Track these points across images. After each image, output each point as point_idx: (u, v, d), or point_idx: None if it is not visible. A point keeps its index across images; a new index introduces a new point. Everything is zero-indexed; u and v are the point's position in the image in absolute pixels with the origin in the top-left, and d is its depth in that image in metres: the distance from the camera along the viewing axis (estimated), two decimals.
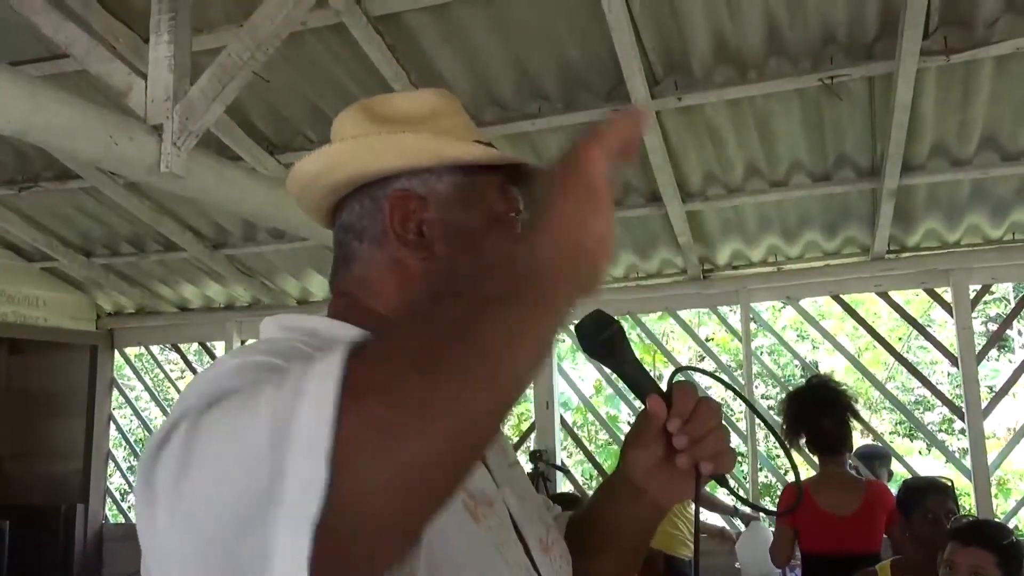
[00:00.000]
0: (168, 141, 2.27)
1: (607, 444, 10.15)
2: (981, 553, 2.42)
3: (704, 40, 3.31)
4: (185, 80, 2.37)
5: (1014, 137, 3.67)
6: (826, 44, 3.28)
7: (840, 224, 4.37)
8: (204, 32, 3.15)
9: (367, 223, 0.91)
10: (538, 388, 5.12)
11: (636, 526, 1.02)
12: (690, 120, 3.71)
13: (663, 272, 4.90)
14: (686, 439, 0.88)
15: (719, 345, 10.57)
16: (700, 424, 0.88)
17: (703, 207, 4.26)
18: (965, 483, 4.46)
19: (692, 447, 0.88)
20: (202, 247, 5.01)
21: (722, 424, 0.90)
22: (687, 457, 0.88)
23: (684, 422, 0.88)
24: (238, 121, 3.83)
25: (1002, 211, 4.15)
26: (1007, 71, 3.28)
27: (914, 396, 11.10)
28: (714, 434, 0.89)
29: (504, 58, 3.46)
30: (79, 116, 2.15)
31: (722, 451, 0.89)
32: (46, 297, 5.73)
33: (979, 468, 4.24)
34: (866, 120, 3.66)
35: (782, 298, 5.07)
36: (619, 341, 0.93)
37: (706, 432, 0.88)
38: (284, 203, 3.08)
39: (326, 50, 3.45)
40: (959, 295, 4.43)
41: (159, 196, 4.59)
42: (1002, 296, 11.16)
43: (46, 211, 4.95)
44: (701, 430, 0.88)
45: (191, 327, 6.01)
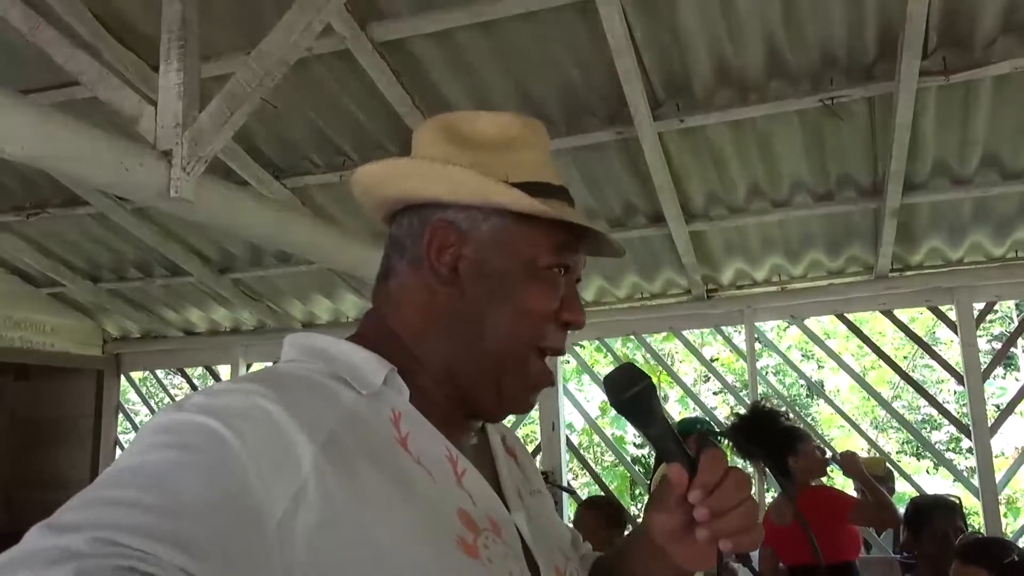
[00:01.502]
0: (178, 167, 2.30)
1: (613, 465, 10.12)
2: (982, 573, 2.42)
3: (705, 63, 3.35)
4: (194, 106, 2.40)
5: (1014, 156, 3.70)
6: (826, 66, 3.32)
7: (843, 243, 4.39)
8: (212, 59, 3.19)
9: (409, 243, 0.90)
10: (544, 409, 5.13)
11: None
12: (692, 142, 3.75)
13: (667, 292, 4.92)
14: (707, 512, 0.82)
15: (724, 365, 10.57)
16: (723, 498, 0.82)
17: (706, 227, 4.28)
18: (974, 502, 4.45)
19: (713, 520, 0.82)
20: (208, 271, 5.04)
21: (749, 499, 0.84)
22: (707, 531, 0.82)
23: (707, 493, 0.82)
24: (244, 147, 3.88)
25: (1004, 229, 4.17)
26: (1005, 90, 3.32)
27: (920, 415, 11.07)
28: (737, 510, 0.82)
29: (507, 82, 3.50)
30: (90, 143, 2.18)
31: (743, 528, 0.83)
32: (53, 323, 5.75)
33: (987, 487, 4.22)
34: (867, 140, 3.69)
35: (786, 317, 5.08)
36: (647, 398, 0.89)
37: (729, 507, 0.82)
38: (291, 227, 3.11)
39: (332, 76, 3.49)
40: (963, 313, 4.44)
41: (165, 221, 4.63)
42: (1006, 314, 11.15)
43: (53, 237, 4.99)
44: (725, 504, 0.82)
45: (197, 351, 6.02)
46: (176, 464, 0.67)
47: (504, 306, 0.87)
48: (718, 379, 6.25)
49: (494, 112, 0.96)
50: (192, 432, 0.69)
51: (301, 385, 0.79)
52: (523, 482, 1.00)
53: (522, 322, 0.88)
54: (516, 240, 0.88)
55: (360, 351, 0.85)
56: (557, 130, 3.70)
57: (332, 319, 5.43)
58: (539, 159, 0.94)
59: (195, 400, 0.73)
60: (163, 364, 6.48)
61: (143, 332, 6.02)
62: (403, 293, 0.90)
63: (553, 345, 0.91)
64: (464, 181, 0.87)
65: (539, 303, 0.89)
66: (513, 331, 0.87)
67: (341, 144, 3.92)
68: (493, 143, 0.92)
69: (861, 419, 9.67)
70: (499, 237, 0.88)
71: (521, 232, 0.88)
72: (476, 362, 0.88)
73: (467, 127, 0.93)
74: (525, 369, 0.89)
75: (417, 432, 0.83)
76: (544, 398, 5.12)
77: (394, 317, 0.90)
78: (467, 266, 0.88)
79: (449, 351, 0.88)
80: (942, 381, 10.91)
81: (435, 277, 0.88)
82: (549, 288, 0.89)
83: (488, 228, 0.88)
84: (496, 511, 0.87)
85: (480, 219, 0.88)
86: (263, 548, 0.67)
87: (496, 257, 0.88)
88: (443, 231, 0.88)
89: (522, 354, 0.89)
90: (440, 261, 0.87)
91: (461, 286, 0.87)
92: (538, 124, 0.97)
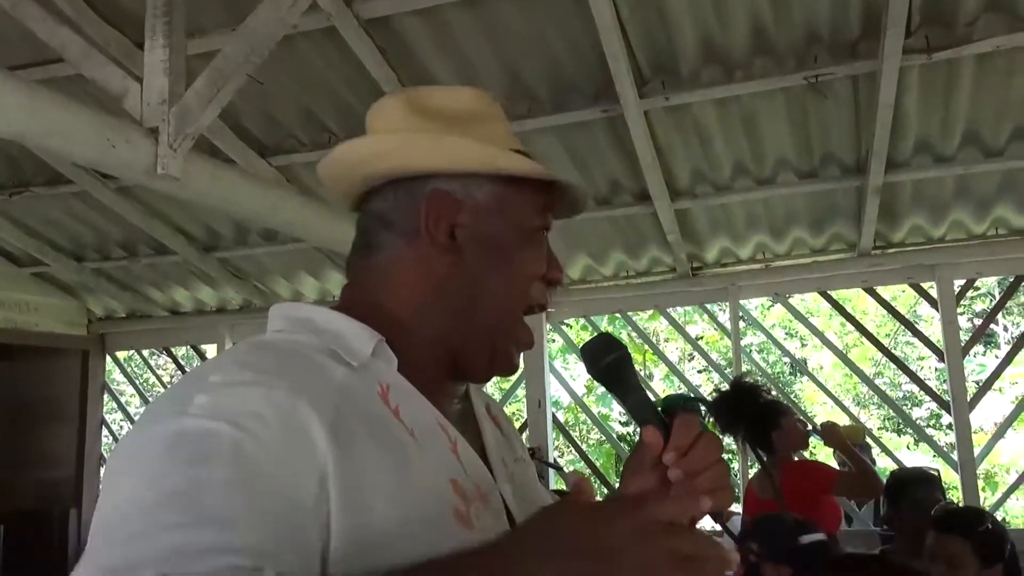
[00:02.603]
0: (164, 144, 2.29)
1: (599, 443, 10.20)
2: (957, 541, 2.46)
3: (691, 41, 3.36)
4: (180, 83, 2.39)
5: (995, 134, 3.74)
6: (810, 44, 3.34)
7: (827, 221, 4.43)
8: (197, 36, 3.18)
9: (399, 216, 0.90)
10: (530, 387, 5.16)
11: None
12: (678, 120, 3.76)
13: (652, 270, 4.95)
14: (681, 473, 0.85)
15: (709, 343, 10.65)
16: (697, 459, 0.85)
17: (691, 205, 4.31)
18: (953, 476, 4.52)
19: (687, 481, 0.85)
20: (193, 250, 5.03)
21: (721, 460, 0.87)
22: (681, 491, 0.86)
23: (681, 455, 0.85)
24: (230, 124, 3.86)
25: (985, 207, 4.21)
26: (987, 69, 3.34)
27: (902, 392, 11.21)
28: (711, 470, 0.85)
29: (493, 60, 3.50)
30: (76, 119, 2.17)
31: (718, 488, 0.86)
32: (37, 302, 5.72)
33: (966, 461, 4.30)
34: (851, 118, 3.72)
35: (770, 295, 5.13)
36: (622, 366, 0.92)
37: (703, 467, 0.85)
38: (279, 205, 3.11)
39: (317, 53, 3.48)
40: (944, 290, 4.50)
41: (150, 200, 4.61)
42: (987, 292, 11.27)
43: (37, 216, 4.96)
44: (698, 465, 0.85)
45: (183, 330, 6.01)
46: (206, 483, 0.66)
47: (501, 270, 0.90)
48: (703, 357, 6.30)
49: (447, 87, 0.99)
50: (208, 443, 0.68)
51: (297, 362, 0.79)
52: (507, 450, 1.01)
53: (518, 284, 0.91)
54: (509, 205, 0.91)
55: (348, 321, 0.86)
56: (543, 108, 3.70)
57: (319, 298, 5.43)
58: (504, 128, 0.98)
59: (199, 401, 0.72)
60: (149, 344, 6.46)
61: (128, 312, 6.00)
62: (396, 266, 0.90)
63: (540, 302, 0.95)
64: (467, 151, 0.89)
65: (533, 265, 0.93)
66: (509, 293, 0.91)
67: (327, 122, 3.91)
68: (460, 115, 0.94)
69: (844, 396, 9.78)
70: (493, 203, 0.90)
71: (513, 197, 0.91)
72: (473, 326, 0.90)
73: (429, 102, 0.95)
74: (515, 330, 0.93)
75: (408, 403, 0.84)
76: (530, 376, 5.16)
77: (383, 289, 0.90)
78: (464, 234, 0.89)
79: (448, 318, 0.89)
80: (923, 358, 11.04)
81: (433, 247, 0.89)
82: (539, 250, 0.94)
83: (483, 195, 0.90)
84: (483, 480, 0.88)
85: (474, 186, 0.90)
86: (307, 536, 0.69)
87: (492, 223, 0.90)
88: (439, 201, 0.89)
89: (516, 314, 0.93)
90: (438, 230, 0.88)
91: (460, 253, 0.89)
92: (491, 96, 1.00)
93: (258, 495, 0.67)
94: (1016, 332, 11.41)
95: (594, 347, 0.94)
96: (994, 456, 8.39)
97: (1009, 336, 11.51)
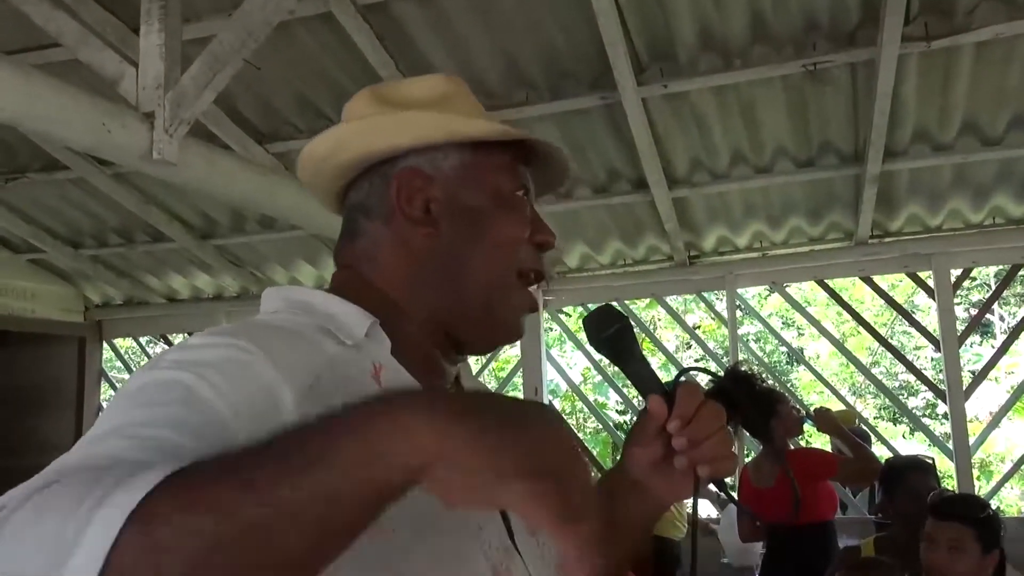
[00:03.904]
0: (160, 128, 2.29)
1: (596, 431, 10.23)
2: (959, 527, 2.46)
3: (689, 28, 3.35)
4: (176, 68, 2.39)
5: (993, 122, 3.73)
6: (809, 31, 3.33)
7: (824, 210, 4.43)
8: (193, 21, 3.16)
9: (374, 201, 0.91)
10: (527, 375, 5.17)
11: (634, 520, 1.01)
12: (676, 107, 3.76)
13: (649, 258, 4.95)
14: (685, 441, 0.87)
15: (706, 332, 10.67)
16: (701, 427, 0.87)
17: (689, 193, 4.30)
18: (949, 465, 4.54)
19: (691, 449, 0.87)
20: (191, 238, 5.02)
21: (724, 428, 0.89)
22: (685, 459, 0.87)
23: (685, 423, 0.87)
24: (227, 111, 3.85)
25: (983, 196, 4.22)
26: (986, 57, 3.34)
27: (898, 381, 11.24)
28: (714, 438, 0.87)
29: (491, 46, 3.49)
30: (71, 104, 2.16)
31: (721, 455, 0.88)
32: (34, 289, 5.72)
33: (961, 449, 4.31)
34: (849, 106, 3.71)
35: (767, 283, 5.13)
36: (624, 337, 0.93)
37: (706, 435, 0.87)
38: (275, 191, 3.11)
39: (314, 40, 3.46)
40: (941, 279, 4.50)
41: (147, 186, 4.60)
42: (983, 282, 11.29)
43: (33, 202, 4.95)
44: (701, 433, 0.87)
45: (180, 318, 6.00)
46: (161, 410, 0.67)
47: (481, 238, 0.89)
48: (700, 346, 6.30)
49: (414, 78, 0.98)
50: (166, 389, 0.69)
51: (282, 333, 0.79)
52: None
53: (500, 250, 0.90)
54: (479, 171, 0.90)
55: (342, 302, 0.86)
56: (540, 95, 3.70)
57: (316, 286, 5.40)
58: (474, 105, 0.97)
59: (169, 356, 0.74)
60: (146, 331, 6.46)
61: (125, 299, 5.99)
62: (378, 249, 0.90)
63: (531, 266, 0.93)
64: (422, 121, 0.89)
65: (513, 229, 0.91)
66: (493, 260, 0.90)
67: (324, 108, 3.90)
68: (428, 100, 0.94)
69: (840, 385, 9.81)
70: (463, 172, 0.90)
71: (482, 162, 0.91)
72: (464, 297, 0.89)
73: (397, 92, 0.96)
74: (510, 295, 0.92)
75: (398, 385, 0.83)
76: (527, 364, 5.16)
77: (371, 272, 0.90)
78: (439, 207, 0.89)
79: (435, 293, 0.89)
80: (920, 348, 11.07)
81: (409, 224, 0.89)
82: (518, 213, 0.92)
83: (450, 165, 0.90)
84: None
85: (440, 158, 0.90)
86: None
87: (465, 191, 0.90)
88: (408, 177, 0.89)
89: (506, 281, 0.91)
90: (412, 206, 0.88)
91: (437, 226, 0.89)
92: (460, 79, 0.99)
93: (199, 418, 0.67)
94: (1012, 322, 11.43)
95: (596, 318, 0.94)
96: (989, 445, 8.42)
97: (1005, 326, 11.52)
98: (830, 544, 3.64)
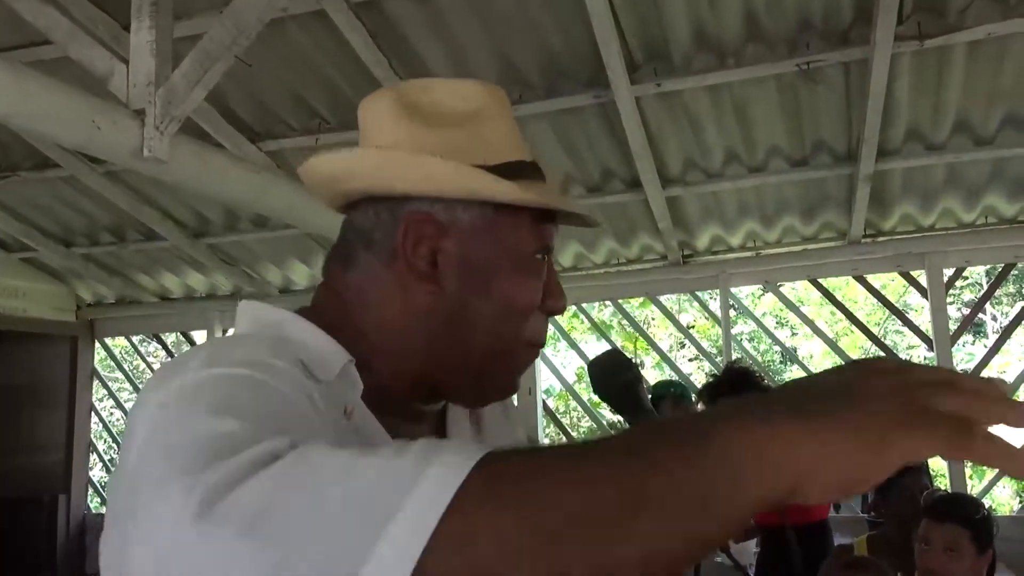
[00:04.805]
0: (151, 125, 2.27)
1: (590, 431, 10.22)
2: (955, 529, 2.45)
3: (683, 27, 3.34)
4: (167, 65, 2.37)
5: (986, 122, 3.74)
6: (802, 30, 3.33)
7: (817, 209, 4.43)
8: (184, 18, 3.14)
9: (379, 236, 0.82)
10: None
11: None
12: (670, 106, 3.75)
13: (643, 258, 4.95)
14: None
15: (700, 332, 10.67)
16: None
17: (683, 193, 4.30)
18: (941, 464, 4.55)
19: None
20: (183, 236, 5.00)
21: None
22: None
23: None
24: (219, 109, 3.83)
25: (975, 195, 4.22)
26: (979, 56, 3.34)
27: None
28: None
29: (485, 45, 3.48)
30: (63, 101, 2.15)
31: None
32: (26, 288, 5.69)
33: None
34: (842, 106, 3.71)
35: (761, 282, 5.14)
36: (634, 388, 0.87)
37: None
38: (268, 189, 3.09)
39: (307, 38, 3.45)
40: (933, 278, 4.51)
41: (139, 185, 4.58)
42: (976, 282, 11.33)
43: (25, 201, 4.92)
44: None
45: (172, 317, 5.99)
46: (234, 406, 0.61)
47: (489, 301, 0.81)
48: (694, 345, 6.31)
49: (449, 80, 0.88)
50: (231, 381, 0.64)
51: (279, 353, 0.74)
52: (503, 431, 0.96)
53: (509, 317, 0.82)
54: (499, 229, 0.81)
55: (318, 334, 0.79)
56: (535, 93, 3.69)
57: (310, 284, 5.41)
58: (508, 129, 0.87)
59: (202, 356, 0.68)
60: (138, 330, 6.44)
61: (118, 298, 5.97)
62: (372, 289, 0.82)
63: (538, 338, 0.86)
64: (445, 175, 0.79)
65: (526, 296, 0.83)
66: (500, 327, 0.82)
67: (317, 107, 3.89)
68: (460, 117, 0.84)
69: None
70: (481, 227, 0.81)
71: (504, 220, 0.81)
72: (462, 363, 0.82)
73: (427, 100, 0.85)
74: (515, 362, 0.85)
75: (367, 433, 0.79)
76: None
77: (358, 308, 0.83)
78: (447, 260, 0.80)
79: (425, 349, 0.82)
80: (912, 347, 11.09)
81: (411, 273, 0.80)
82: (535, 278, 0.84)
83: (469, 218, 0.80)
84: None
85: (460, 209, 0.80)
86: None
87: (479, 249, 0.81)
88: (419, 224, 0.80)
89: (511, 349, 0.84)
90: (417, 255, 0.80)
91: (440, 282, 0.80)
92: (499, 90, 0.89)
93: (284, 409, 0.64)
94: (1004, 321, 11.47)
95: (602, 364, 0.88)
96: None
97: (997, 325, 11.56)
98: (827, 543, 3.63)
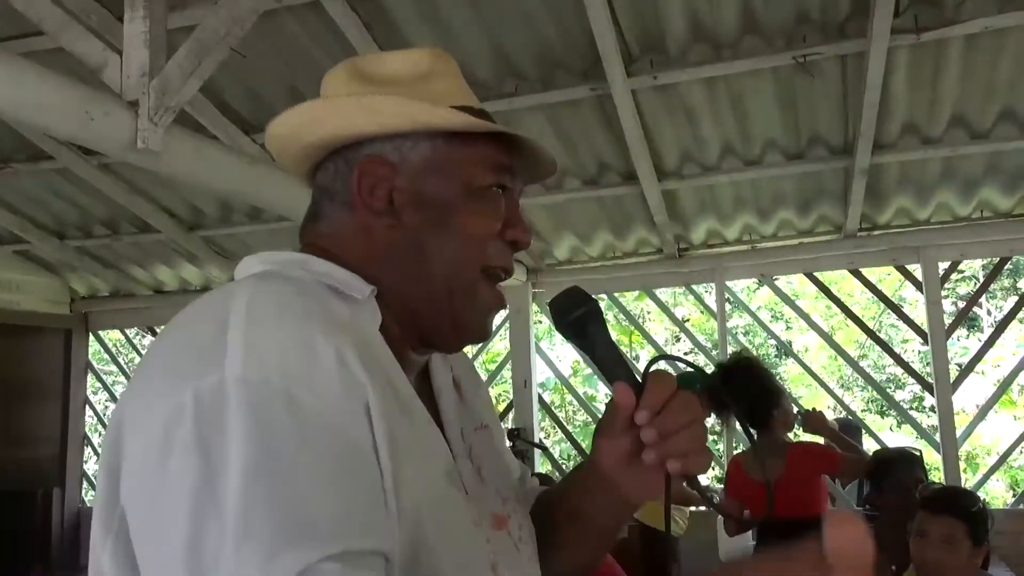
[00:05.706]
0: (144, 117, 2.26)
1: (585, 424, 10.23)
2: (952, 522, 2.46)
3: (679, 19, 3.33)
4: (161, 56, 2.35)
5: (982, 116, 3.74)
6: (799, 23, 3.32)
7: (813, 202, 4.43)
8: (178, 9, 3.12)
9: (339, 186, 0.86)
10: (516, 367, 5.16)
11: (602, 518, 0.95)
12: (666, 99, 3.74)
13: (639, 251, 4.94)
14: (654, 433, 0.80)
15: (695, 326, 10.67)
16: (672, 419, 0.80)
17: (679, 186, 4.30)
18: (936, 457, 4.56)
19: (661, 442, 0.80)
20: (177, 229, 4.98)
21: (698, 421, 0.82)
22: (655, 453, 0.80)
23: (654, 415, 0.80)
24: (214, 101, 3.81)
25: (970, 189, 4.22)
26: (975, 50, 3.34)
27: (886, 374, 11.28)
28: (686, 431, 0.80)
29: (481, 37, 3.46)
30: (56, 92, 2.13)
31: (693, 450, 0.81)
32: (19, 280, 5.67)
33: (948, 441, 4.33)
34: (838, 99, 3.71)
35: (756, 276, 5.13)
36: (591, 320, 0.87)
37: (677, 428, 0.80)
38: (262, 181, 3.07)
39: (302, 29, 3.43)
40: (929, 271, 4.52)
41: (133, 177, 4.56)
42: (971, 275, 11.35)
43: (18, 193, 4.90)
44: (672, 425, 0.80)
45: (167, 310, 5.94)
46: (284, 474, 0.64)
47: (445, 231, 0.84)
48: (689, 338, 6.31)
49: (399, 51, 0.93)
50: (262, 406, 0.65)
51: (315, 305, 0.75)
52: (468, 418, 0.95)
53: (466, 245, 0.85)
54: (449, 162, 0.85)
55: (337, 268, 0.82)
56: (531, 86, 3.68)
57: None
58: (458, 86, 0.92)
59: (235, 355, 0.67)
60: (132, 323, 6.42)
61: (112, 290, 5.95)
62: (340, 232, 0.86)
63: (500, 264, 0.88)
64: (385, 107, 0.84)
65: (480, 224, 0.86)
66: (457, 255, 0.85)
67: (311, 98, 3.85)
68: (408, 77, 0.89)
69: (828, 378, 9.84)
70: (431, 162, 0.85)
71: (454, 154, 0.85)
72: (426, 293, 0.85)
73: (377, 66, 0.91)
74: (475, 293, 0.87)
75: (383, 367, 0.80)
76: (516, 356, 5.15)
77: (336, 249, 0.85)
78: (402, 197, 0.84)
79: (397, 286, 0.84)
80: (907, 340, 11.11)
81: (370, 214, 0.84)
82: (489, 207, 0.86)
83: (418, 155, 0.85)
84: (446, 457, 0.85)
85: (408, 147, 0.85)
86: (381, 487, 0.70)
87: (431, 183, 0.84)
88: (371, 166, 0.84)
89: (470, 278, 0.86)
90: (373, 196, 0.84)
91: (399, 217, 0.84)
92: (448, 56, 0.93)
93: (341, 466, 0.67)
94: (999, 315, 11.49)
95: (562, 300, 0.89)
96: (975, 438, 8.47)
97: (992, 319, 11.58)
98: None
